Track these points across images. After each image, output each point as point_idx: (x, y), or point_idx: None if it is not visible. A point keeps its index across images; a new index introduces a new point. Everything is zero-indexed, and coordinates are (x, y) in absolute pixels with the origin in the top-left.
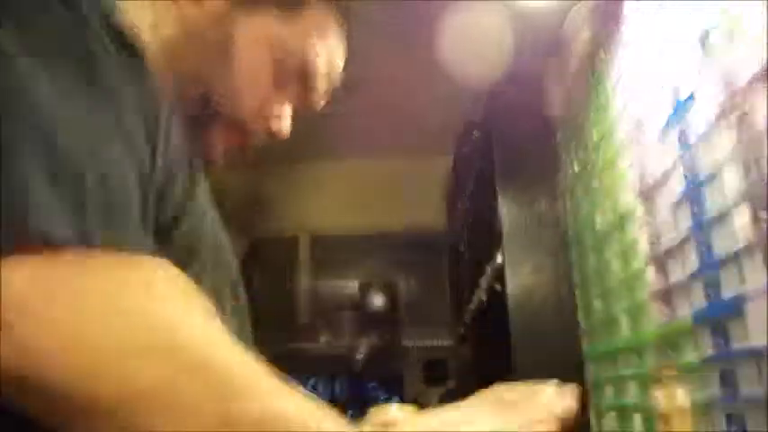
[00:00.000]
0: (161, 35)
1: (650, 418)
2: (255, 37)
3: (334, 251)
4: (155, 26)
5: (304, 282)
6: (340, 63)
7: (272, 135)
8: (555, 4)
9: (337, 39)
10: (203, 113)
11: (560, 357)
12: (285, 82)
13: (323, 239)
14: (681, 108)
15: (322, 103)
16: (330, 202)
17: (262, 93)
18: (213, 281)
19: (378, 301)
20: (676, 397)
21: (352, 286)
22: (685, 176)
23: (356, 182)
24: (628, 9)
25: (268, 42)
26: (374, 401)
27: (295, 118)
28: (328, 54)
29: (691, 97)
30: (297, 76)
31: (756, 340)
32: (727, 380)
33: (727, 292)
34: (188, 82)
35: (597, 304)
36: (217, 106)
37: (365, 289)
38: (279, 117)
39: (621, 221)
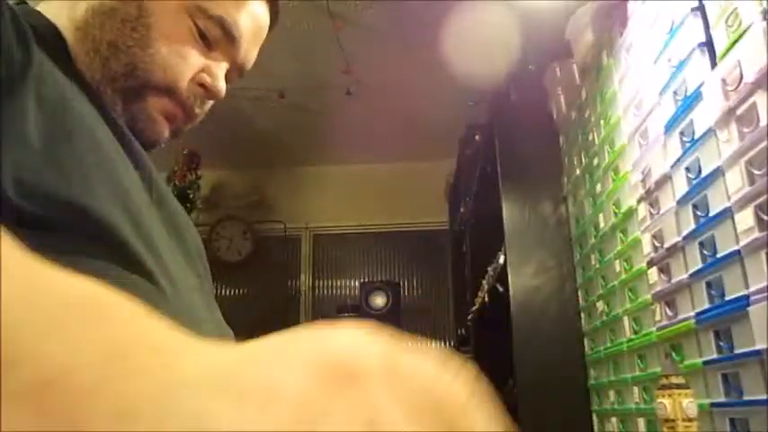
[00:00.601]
0: (76, 19)
1: (653, 421)
2: (169, 1)
3: (336, 251)
4: (70, 12)
5: (306, 281)
6: (264, 20)
7: (208, 94)
8: (558, 8)
9: None
10: (133, 84)
11: (562, 359)
12: (211, 43)
13: (325, 240)
14: (683, 109)
15: (252, 59)
16: (333, 204)
17: (187, 54)
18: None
19: (379, 301)
20: (681, 403)
21: (353, 286)
22: (688, 177)
23: (359, 184)
24: (630, 11)
25: (183, 8)
26: None
27: (229, 78)
28: (250, 12)
29: (693, 98)
30: (221, 34)
31: (760, 342)
32: (731, 383)
33: (731, 294)
34: (110, 57)
35: (599, 306)
36: (143, 72)
37: (367, 289)
38: (211, 75)
39: (624, 222)
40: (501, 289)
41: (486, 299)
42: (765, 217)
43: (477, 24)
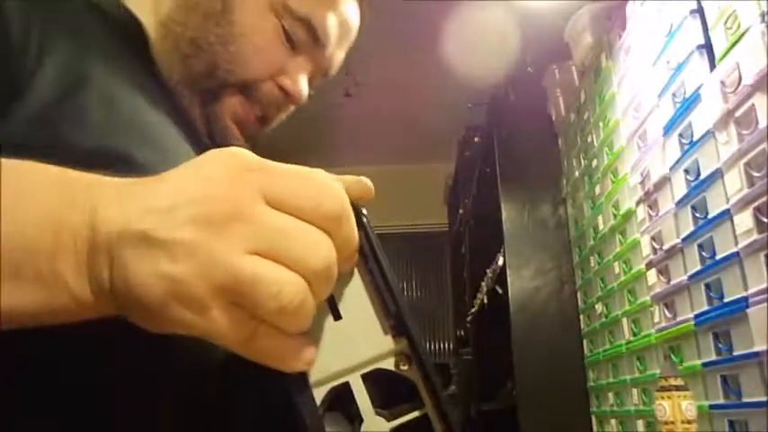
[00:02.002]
0: (161, 13)
1: (652, 423)
2: (255, 1)
3: None
4: (155, 6)
5: None
6: (354, 21)
7: (288, 98)
8: (557, 9)
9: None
10: (213, 85)
11: (561, 360)
12: (296, 45)
13: None
14: (682, 111)
15: (338, 63)
16: None
17: (270, 56)
18: None
19: None
20: (680, 405)
21: None
22: (687, 179)
23: None
24: (629, 13)
25: (269, 4)
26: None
27: (312, 81)
28: (339, 14)
29: (692, 100)
30: (307, 37)
31: (759, 344)
32: (730, 384)
33: (730, 296)
34: (192, 54)
35: (598, 308)
36: (224, 74)
37: None
38: (293, 78)
39: (623, 224)
40: (500, 291)
41: (486, 300)
42: (764, 219)
43: (476, 26)
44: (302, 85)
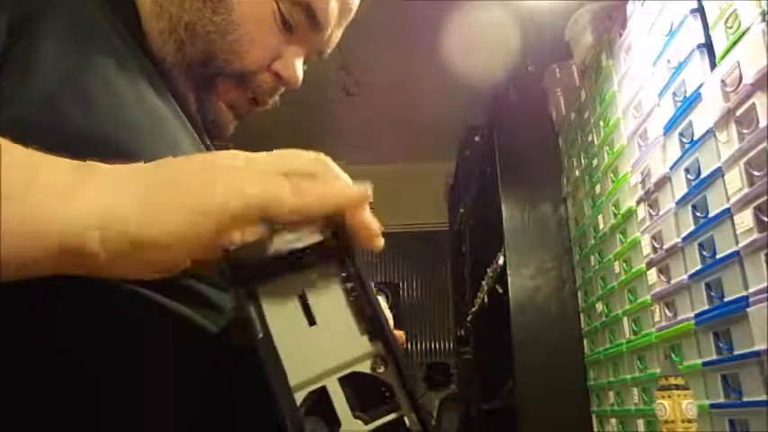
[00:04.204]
0: None
1: (653, 422)
2: None
3: None
4: None
5: None
6: (353, 2)
7: (283, 83)
8: (557, 9)
9: None
10: (209, 72)
11: (561, 360)
12: (293, 28)
13: None
14: (683, 110)
15: (335, 42)
16: None
17: (267, 41)
18: None
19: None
20: (681, 404)
21: None
22: (687, 178)
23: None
24: (630, 13)
25: None
26: None
27: (306, 60)
28: None
29: (692, 100)
30: (305, 21)
31: (759, 343)
32: (730, 384)
33: (730, 295)
34: (188, 41)
35: (599, 307)
36: (221, 62)
37: None
38: (288, 64)
39: (623, 224)
40: (500, 290)
41: (486, 300)
42: (765, 218)
43: (477, 25)
44: (297, 71)
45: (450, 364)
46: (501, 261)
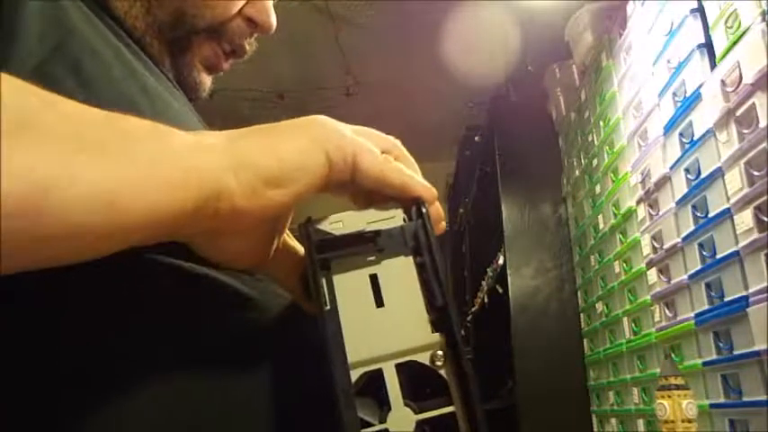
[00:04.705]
0: None
1: (653, 422)
2: None
3: None
4: None
5: None
6: None
7: (258, 28)
8: (557, 9)
9: None
10: (181, 33)
11: (561, 360)
12: None
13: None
14: (683, 110)
15: None
16: (333, 205)
17: None
18: None
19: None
20: (681, 404)
21: None
22: (687, 178)
23: None
24: (630, 13)
25: None
26: None
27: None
28: None
29: (692, 100)
30: None
31: (759, 343)
32: (730, 384)
33: (730, 295)
34: (157, 4)
35: (599, 307)
36: (192, 20)
37: None
38: (260, 6)
39: (623, 224)
40: (500, 290)
41: (486, 300)
42: (765, 218)
43: (476, 25)
44: (270, 14)
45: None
46: (501, 261)
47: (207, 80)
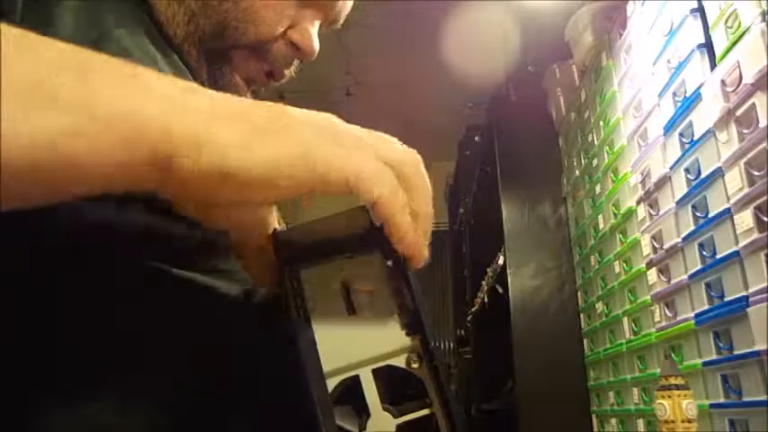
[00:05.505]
0: None
1: (653, 422)
2: None
3: None
4: None
5: None
6: None
7: (300, 53)
8: (557, 9)
9: None
10: (223, 45)
11: (561, 360)
12: None
13: None
14: (683, 110)
15: (346, 13)
16: (333, 205)
17: (281, 8)
18: None
19: None
20: (681, 404)
21: None
22: (687, 178)
23: None
24: (630, 13)
25: None
26: None
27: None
28: None
29: (692, 100)
30: None
31: (760, 343)
32: (730, 384)
33: (730, 295)
34: (199, 12)
35: (599, 307)
36: (235, 33)
37: None
38: (303, 33)
39: (623, 223)
40: (500, 290)
41: (486, 300)
42: (765, 218)
43: (476, 25)
44: (313, 40)
45: (449, 365)
46: (501, 261)
47: (246, 93)
